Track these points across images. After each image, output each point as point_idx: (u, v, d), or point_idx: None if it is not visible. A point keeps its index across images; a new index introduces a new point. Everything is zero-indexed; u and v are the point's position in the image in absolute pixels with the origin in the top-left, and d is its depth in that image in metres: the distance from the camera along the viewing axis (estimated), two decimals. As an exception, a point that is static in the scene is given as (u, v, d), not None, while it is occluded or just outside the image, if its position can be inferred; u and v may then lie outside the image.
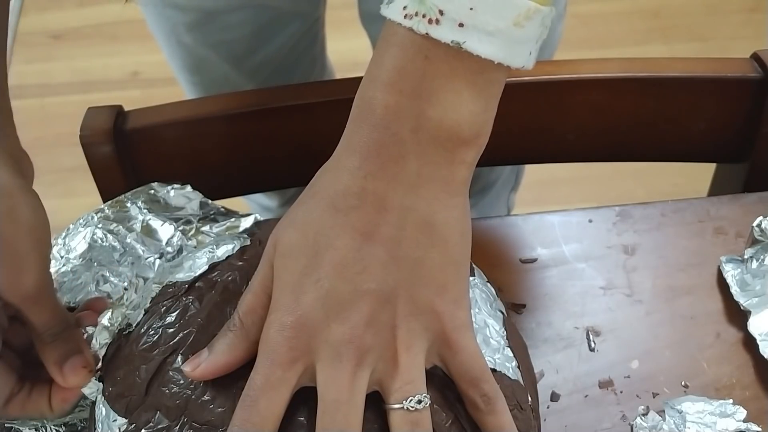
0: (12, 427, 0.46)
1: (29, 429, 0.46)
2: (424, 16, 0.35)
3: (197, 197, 0.55)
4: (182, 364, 0.40)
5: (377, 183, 0.37)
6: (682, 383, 0.51)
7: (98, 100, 0.64)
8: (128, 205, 0.53)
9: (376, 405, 0.39)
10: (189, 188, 0.55)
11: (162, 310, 0.43)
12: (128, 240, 0.51)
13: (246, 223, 0.54)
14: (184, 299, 0.43)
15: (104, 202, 0.55)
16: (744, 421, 0.48)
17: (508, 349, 0.44)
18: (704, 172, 0.75)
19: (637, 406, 0.50)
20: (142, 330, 0.42)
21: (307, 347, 0.37)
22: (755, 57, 0.64)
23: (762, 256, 0.55)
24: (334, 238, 0.37)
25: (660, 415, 0.49)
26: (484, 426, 0.40)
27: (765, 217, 0.57)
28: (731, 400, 0.49)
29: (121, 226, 0.52)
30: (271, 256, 0.39)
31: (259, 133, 0.66)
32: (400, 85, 0.37)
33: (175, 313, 0.42)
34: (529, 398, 0.44)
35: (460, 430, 0.40)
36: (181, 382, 0.40)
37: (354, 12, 0.86)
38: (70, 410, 0.44)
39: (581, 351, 0.53)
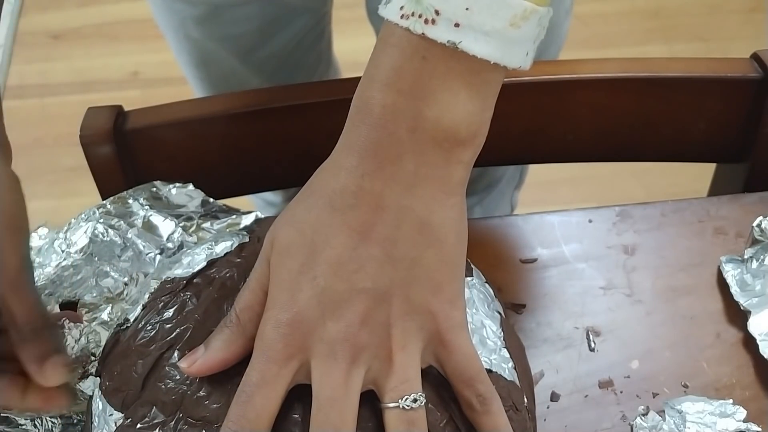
0: (8, 416, 0.46)
1: (25, 419, 0.46)
2: (420, 16, 0.35)
3: (199, 195, 0.55)
4: (179, 359, 0.40)
5: (374, 182, 0.37)
6: (682, 383, 0.51)
7: (98, 100, 0.64)
8: (130, 201, 0.53)
9: (371, 403, 0.38)
10: (191, 186, 0.56)
11: (160, 305, 0.43)
12: (129, 235, 0.52)
13: (247, 220, 0.54)
14: (182, 295, 0.43)
15: (104, 201, 0.56)
16: (744, 421, 0.48)
17: (505, 350, 0.44)
18: (704, 172, 0.75)
19: (637, 406, 0.50)
20: (140, 325, 0.43)
21: (303, 344, 0.37)
22: (755, 57, 0.64)
23: (762, 256, 0.55)
24: (331, 237, 0.37)
25: (660, 415, 0.49)
26: (480, 426, 0.40)
27: (765, 217, 0.57)
28: (731, 400, 0.49)
29: (122, 222, 0.52)
30: (268, 254, 0.39)
31: (259, 134, 0.66)
32: (398, 85, 0.37)
33: (173, 309, 0.42)
34: (525, 399, 0.44)
35: (454, 430, 0.40)
36: (177, 377, 0.40)
37: (357, 12, 0.87)
38: (41, 411, 0.43)
39: (581, 351, 0.53)
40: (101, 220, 0.52)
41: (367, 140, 0.37)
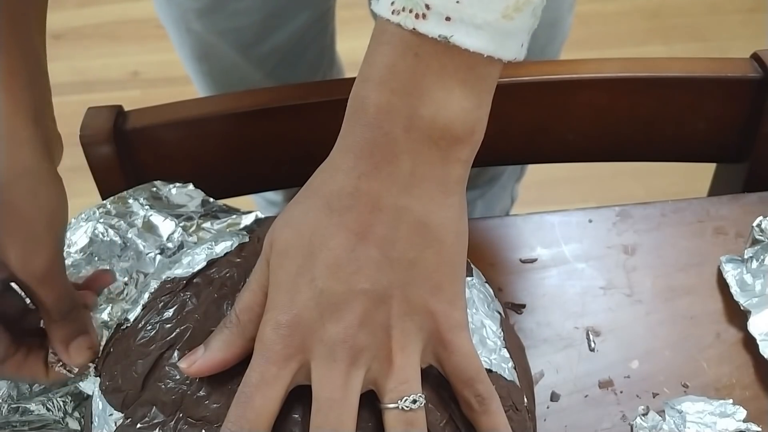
0: (19, 407, 0.47)
1: (35, 404, 0.47)
2: (411, 11, 0.35)
3: (199, 195, 0.55)
4: (179, 359, 0.40)
5: (371, 183, 0.37)
6: (682, 383, 0.51)
7: (98, 100, 0.64)
8: (130, 201, 0.53)
9: (370, 404, 0.38)
10: (191, 186, 0.56)
11: (160, 305, 0.43)
12: (129, 235, 0.52)
13: (247, 220, 0.54)
14: (182, 295, 0.43)
15: (104, 201, 0.56)
16: (744, 421, 0.48)
17: (505, 350, 0.44)
18: (704, 172, 0.75)
19: (637, 406, 0.50)
20: (140, 325, 0.43)
21: (302, 346, 0.37)
22: (755, 57, 0.64)
23: (762, 256, 0.55)
24: (329, 238, 0.37)
25: (660, 415, 0.49)
26: (479, 426, 0.40)
27: (765, 217, 0.57)
28: (731, 400, 0.49)
29: (122, 221, 0.52)
30: (267, 255, 0.39)
31: (259, 133, 0.66)
32: (392, 84, 0.36)
33: (173, 309, 0.42)
34: (525, 399, 0.44)
35: (454, 430, 0.40)
36: (177, 377, 0.40)
37: (358, 11, 0.87)
38: (66, 381, 0.45)
39: (581, 351, 0.53)
40: (101, 220, 0.52)
41: (362, 141, 0.37)
